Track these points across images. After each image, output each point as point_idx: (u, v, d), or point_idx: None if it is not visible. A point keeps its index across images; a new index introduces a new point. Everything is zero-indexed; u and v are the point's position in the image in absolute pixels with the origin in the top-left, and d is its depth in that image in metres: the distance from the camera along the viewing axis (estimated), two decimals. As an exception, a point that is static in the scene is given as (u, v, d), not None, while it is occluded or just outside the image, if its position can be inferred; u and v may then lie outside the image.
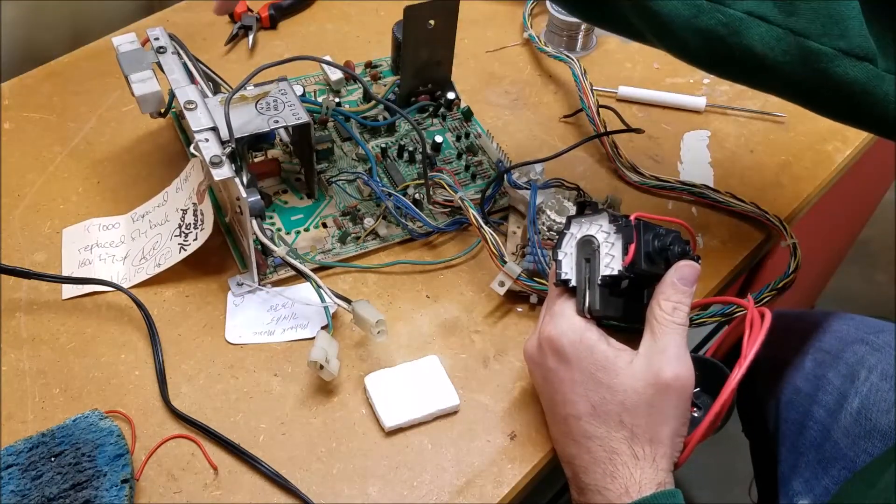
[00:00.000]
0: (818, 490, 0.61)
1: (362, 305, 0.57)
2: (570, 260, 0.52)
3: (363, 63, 0.76)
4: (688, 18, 0.49)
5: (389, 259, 0.63)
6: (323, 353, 0.54)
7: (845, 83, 0.48)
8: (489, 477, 0.53)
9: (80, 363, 0.56)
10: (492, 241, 0.59)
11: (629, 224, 0.50)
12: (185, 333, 0.58)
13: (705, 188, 0.67)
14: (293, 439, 0.54)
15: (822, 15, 0.47)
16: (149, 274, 0.60)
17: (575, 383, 0.49)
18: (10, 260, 0.61)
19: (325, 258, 0.62)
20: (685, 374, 0.48)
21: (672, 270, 0.50)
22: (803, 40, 0.48)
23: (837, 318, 0.69)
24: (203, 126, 0.57)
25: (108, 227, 0.64)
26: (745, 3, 0.48)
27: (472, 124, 0.72)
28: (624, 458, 0.47)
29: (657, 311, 0.49)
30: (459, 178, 0.68)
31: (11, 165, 0.67)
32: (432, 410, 0.55)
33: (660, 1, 0.49)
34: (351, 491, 0.52)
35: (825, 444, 0.62)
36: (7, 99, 0.72)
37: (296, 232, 0.64)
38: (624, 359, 0.49)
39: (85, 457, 0.49)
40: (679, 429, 0.48)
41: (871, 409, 0.61)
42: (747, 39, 0.49)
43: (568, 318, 0.50)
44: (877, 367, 0.63)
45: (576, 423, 0.49)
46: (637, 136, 0.72)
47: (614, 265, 0.50)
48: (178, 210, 0.61)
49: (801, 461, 0.63)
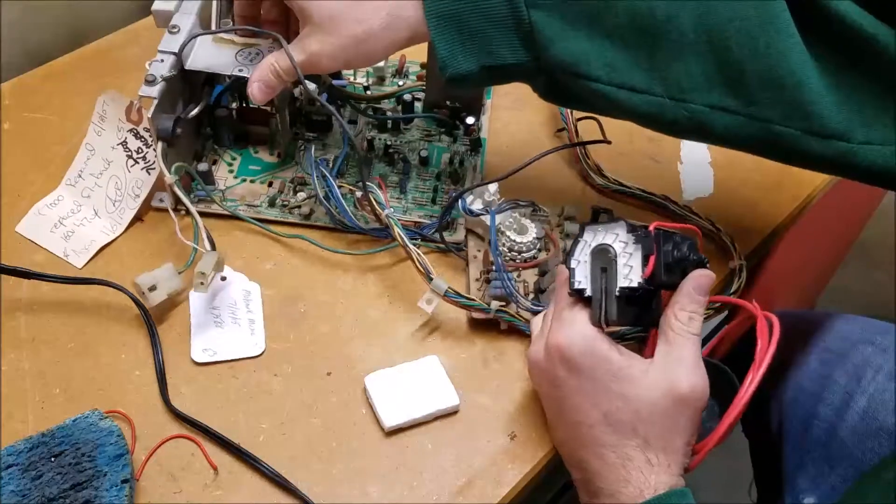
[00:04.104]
0: (824, 488, 0.61)
1: (210, 256, 0.57)
2: (583, 268, 0.50)
3: (419, 62, 0.76)
4: (655, 114, 0.52)
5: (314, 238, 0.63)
6: (150, 281, 0.55)
7: (816, 158, 0.50)
8: (489, 477, 0.53)
9: (80, 363, 0.56)
10: (417, 259, 0.57)
11: (648, 234, 0.49)
12: (185, 333, 0.58)
13: (666, 199, 0.66)
14: (293, 439, 0.54)
15: (782, 102, 0.49)
16: (133, 209, 0.63)
17: (586, 392, 0.49)
18: (10, 260, 0.61)
19: (245, 212, 0.64)
20: (701, 385, 0.47)
21: (688, 280, 0.50)
22: (768, 125, 0.50)
23: (842, 319, 0.69)
24: (168, 49, 0.60)
25: (54, 203, 0.65)
26: (705, 96, 0.50)
27: (478, 156, 0.70)
28: (638, 464, 0.47)
29: (673, 321, 0.49)
30: (421, 197, 0.66)
31: (11, 165, 0.67)
32: (432, 410, 0.55)
33: (624, 97, 0.51)
34: (351, 491, 0.52)
35: (831, 443, 0.62)
36: (7, 99, 0.72)
37: (242, 179, 0.67)
38: (638, 368, 0.48)
39: (85, 457, 0.49)
40: (692, 438, 0.48)
41: (878, 408, 0.61)
42: (714, 129, 0.51)
43: (579, 327, 0.49)
44: (883, 367, 0.63)
45: (587, 430, 0.49)
46: (637, 137, 0.72)
47: (633, 276, 0.48)
48: (114, 147, 0.63)
49: (807, 459, 0.63)
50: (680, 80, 0.50)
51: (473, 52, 0.52)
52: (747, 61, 0.48)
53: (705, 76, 0.50)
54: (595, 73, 0.51)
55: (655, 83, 0.51)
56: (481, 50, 0.52)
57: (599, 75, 0.51)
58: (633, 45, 0.50)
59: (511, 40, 0.52)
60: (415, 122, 0.71)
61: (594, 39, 0.50)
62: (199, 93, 0.65)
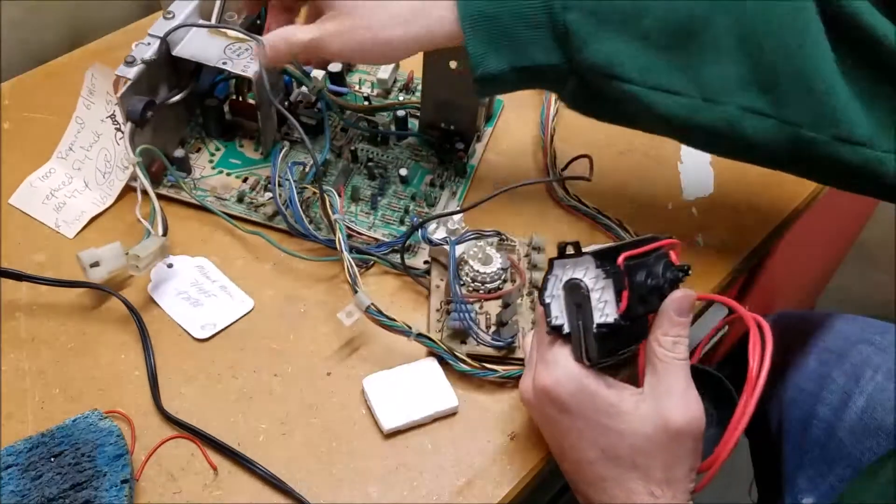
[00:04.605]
0: (823, 488, 0.61)
1: (151, 241, 0.58)
2: (558, 303, 0.48)
3: None
4: (686, 117, 0.51)
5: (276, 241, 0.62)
6: (92, 258, 0.56)
7: (843, 165, 0.50)
8: (489, 477, 0.53)
9: (80, 363, 0.56)
10: (349, 269, 0.57)
11: (617, 270, 0.46)
12: (185, 333, 0.58)
13: (619, 224, 0.65)
14: (293, 440, 0.54)
15: (812, 106, 0.49)
16: (122, 180, 0.64)
17: (581, 431, 0.47)
18: (10, 260, 0.61)
19: (213, 203, 0.64)
20: (695, 414, 0.46)
21: (668, 303, 0.48)
22: (797, 129, 0.50)
23: (841, 319, 0.69)
24: (156, 33, 0.61)
25: (46, 175, 0.66)
26: (738, 97, 0.50)
27: (462, 181, 0.68)
28: (643, 497, 0.46)
29: (657, 349, 0.47)
30: (391, 215, 0.65)
31: (11, 165, 0.67)
32: (431, 412, 0.54)
33: (658, 100, 0.51)
34: (351, 491, 0.52)
35: (830, 443, 0.62)
36: (7, 99, 0.72)
37: (219, 171, 0.67)
38: (629, 402, 0.47)
39: (85, 457, 0.49)
40: (694, 463, 0.47)
41: (877, 407, 0.61)
42: (744, 132, 0.51)
43: (563, 367, 0.47)
44: (882, 366, 0.63)
45: (588, 466, 0.48)
46: (636, 137, 0.72)
47: (608, 311, 0.46)
48: (103, 120, 0.64)
49: (806, 459, 0.63)
50: (714, 82, 0.50)
51: (505, 52, 0.52)
52: (780, 65, 0.49)
53: (739, 78, 0.50)
54: (629, 75, 0.51)
55: (689, 84, 0.51)
56: (513, 50, 0.52)
57: (633, 77, 0.51)
58: (668, 47, 0.50)
59: (544, 41, 0.51)
60: (407, 139, 0.70)
61: (629, 41, 0.50)
62: (186, 80, 0.66)
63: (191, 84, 0.66)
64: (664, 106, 0.51)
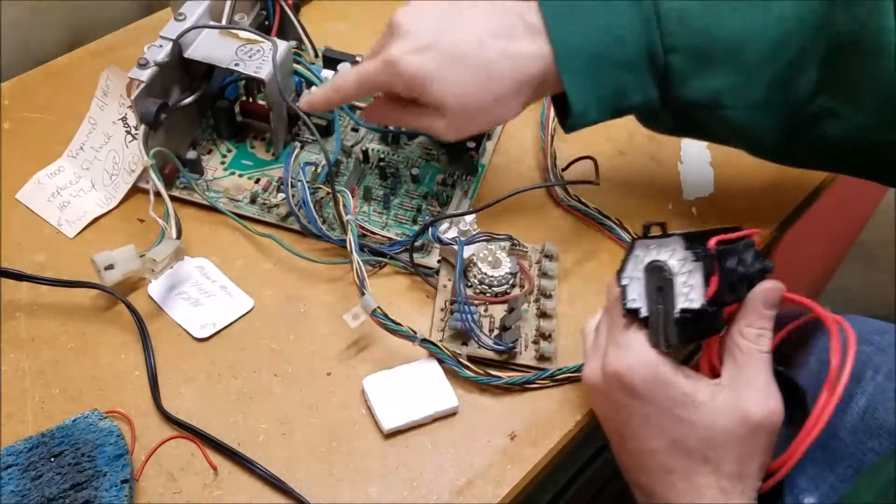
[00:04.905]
0: (824, 488, 0.61)
1: (168, 244, 0.58)
2: (637, 286, 0.46)
3: None
4: (773, 127, 0.53)
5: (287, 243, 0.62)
6: (107, 260, 0.56)
7: None
8: (489, 477, 0.53)
9: (80, 363, 0.56)
10: (357, 270, 0.56)
11: (708, 253, 0.44)
12: (185, 333, 0.58)
13: (619, 224, 0.65)
14: (293, 440, 0.54)
15: (882, 110, 0.50)
16: (128, 183, 0.64)
17: (648, 418, 0.46)
18: (11, 260, 0.61)
19: (226, 205, 0.64)
20: (775, 408, 0.45)
21: (755, 293, 0.46)
22: (867, 132, 0.52)
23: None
24: (168, 35, 0.61)
25: (55, 173, 0.66)
26: (820, 99, 0.52)
27: (473, 180, 0.68)
28: (712, 492, 0.45)
29: (740, 340, 0.46)
30: (404, 215, 0.65)
31: (11, 165, 0.67)
32: (431, 412, 0.54)
33: (751, 118, 0.53)
34: (351, 491, 0.52)
35: (831, 443, 0.62)
36: (7, 99, 0.72)
37: (231, 172, 0.67)
38: (704, 392, 0.45)
39: (85, 457, 0.49)
40: (766, 460, 0.46)
41: (878, 407, 0.61)
42: (824, 132, 0.53)
43: (637, 352, 0.46)
44: (882, 366, 0.63)
45: (650, 457, 0.47)
46: (637, 137, 0.72)
47: (693, 296, 0.44)
48: (115, 122, 0.64)
49: (807, 459, 0.63)
50: (800, 87, 0.51)
51: (608, 102, 0.53)
52: (854, 68, 0.50)
53: (820, 81, 0.51)
54: (726, 102, 0.52)
55: (780, 97, 0.52)
56: (615, 99, 0.52)
57: (729, 103, 0.52)
58: (767, 74, 0.51)
59: (644, 83, 0.52)
60: (419, 139, 0.70)
61: (730, 74, 0.51)
62: (199, 82, 0.66)
63: (203, 86, 0.66)
64: (758, 121, 0.53)
